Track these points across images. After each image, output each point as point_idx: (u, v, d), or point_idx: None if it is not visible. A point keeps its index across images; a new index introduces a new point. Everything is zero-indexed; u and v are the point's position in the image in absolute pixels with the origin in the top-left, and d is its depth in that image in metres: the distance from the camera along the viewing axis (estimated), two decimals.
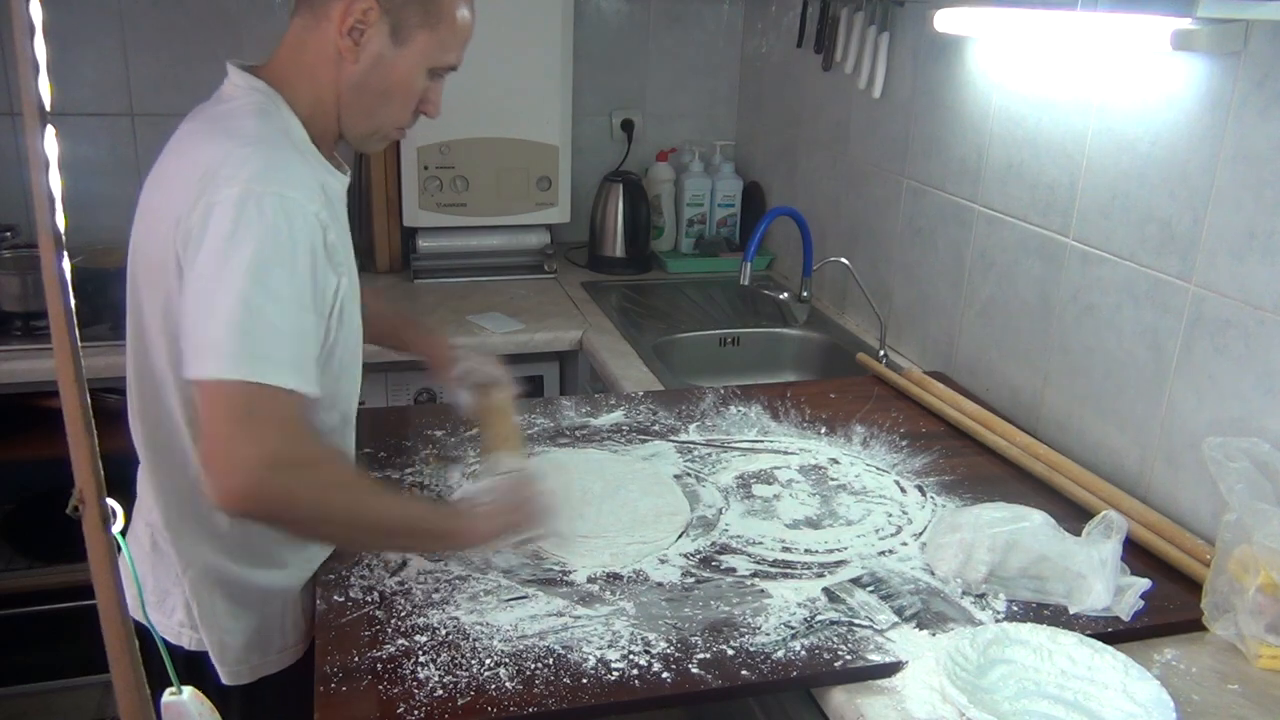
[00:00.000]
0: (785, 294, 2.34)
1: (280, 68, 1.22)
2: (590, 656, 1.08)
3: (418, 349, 1.57)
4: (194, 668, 1.22)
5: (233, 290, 1.02)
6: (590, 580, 1.22)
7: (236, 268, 1.03)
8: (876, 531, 1.37)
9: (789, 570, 1.27)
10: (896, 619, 1.17)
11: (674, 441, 1.62)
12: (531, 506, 1.22)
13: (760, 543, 1.33)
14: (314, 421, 1.18)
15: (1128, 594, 1.20)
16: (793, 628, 1.15)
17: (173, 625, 1.25)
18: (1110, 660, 1.08)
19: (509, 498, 1.23)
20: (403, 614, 1.15)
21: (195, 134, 1.18)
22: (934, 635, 1.14)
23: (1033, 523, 1.26)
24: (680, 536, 1.34)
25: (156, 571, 1.25)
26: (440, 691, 1.02)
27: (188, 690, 0.98)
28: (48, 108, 0.71)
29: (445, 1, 1.19)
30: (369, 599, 1.17)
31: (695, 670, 1.07)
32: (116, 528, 0.82)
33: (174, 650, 1.21)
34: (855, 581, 1.24)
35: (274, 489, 1.02)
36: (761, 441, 1.64)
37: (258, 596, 1.24)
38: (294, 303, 1.07)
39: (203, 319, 1.04)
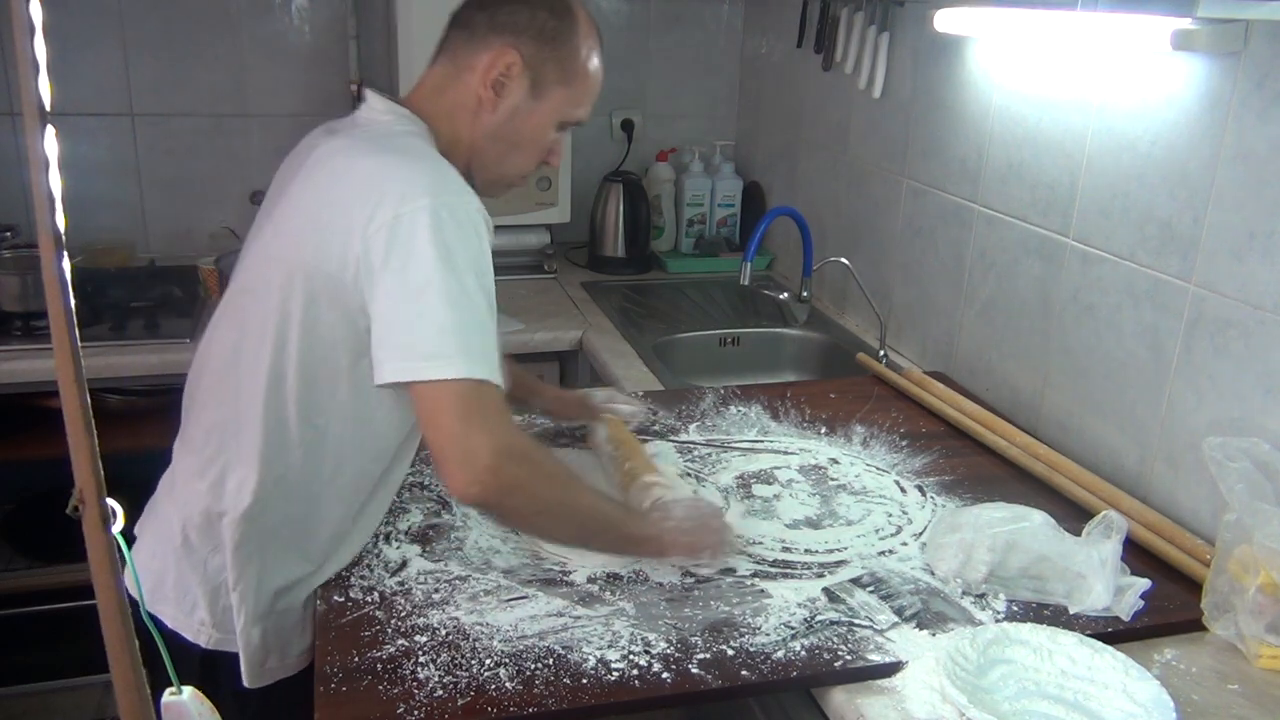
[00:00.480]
0: (785, 294, 2.34)
1: (420, 105, 1.26)
2: (590, 657, 1.08)
3: (543, 404, 1.64)
4: (210, 667, 1.22)
5: (443, 295, 1.09)
6: (590, 580, 1.22)
7: (443, 274, 1.09)
8: (876, 531, 1.37)
9: (789, 570, 1.27)
10: (896, 619, 1.17)
11: (674, 441, 1.62)
12: (719, 537, 1.27)
13: (760, 543, 1.33)
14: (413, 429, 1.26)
15: (1128, 594, 1.20)
16: (793, 628, 1.15)
17: (193, 623, 1.23)
18: (1110, 660, 1.08)
19: (702, 522, 1.27)
20: (403, 614, 1.15)
21: (350, 149, 1.20)
22: (934, 635, 1.14)
23: (1033, 523, 1.26)
24: None
25: (180, 566, 1.23)
26: (440, 692, 1.02)
27: (188, 690, 0.98)
28: (48, 108, 0.71)
29: (581, 60, 1.27)
30: (369, 599, 1.17)
31: (695, 670, 1.07)
32: (116, 528, 0.82)
33: (191, 648, 1.22)
34: (855, 581, 1.24)
35: (508, 477, 1.11)
36: (761, 441, 1.65)
37: (291, 600, 1.24)
38: (487, 304, 1.14)
39: (415, 324, 1.10)
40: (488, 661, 1.07)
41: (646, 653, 1.09)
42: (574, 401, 1.64)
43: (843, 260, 2.14)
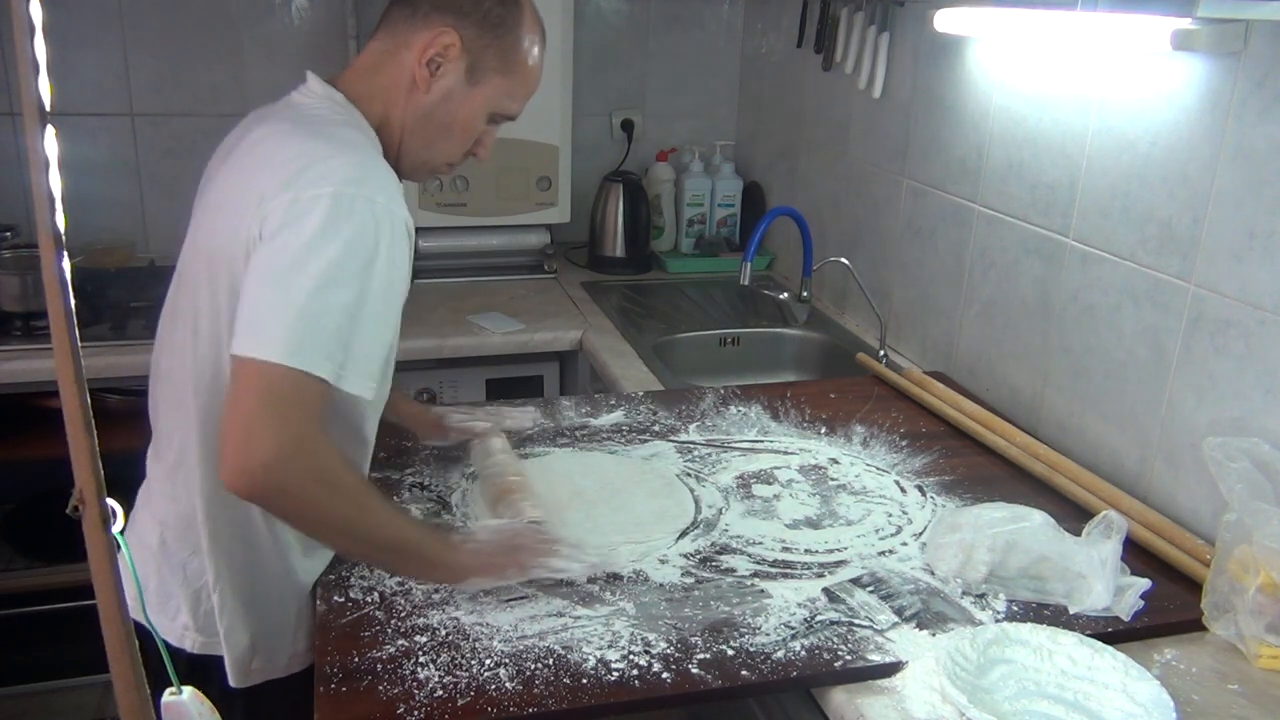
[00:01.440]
0: (785, 294, 2.34)
1: (353, 85, 1.24)
2: (590, 657, 1.08)
3: (401, 415, 1.54)
4: (196, 670, 1.21)
5: (306, 284, 1.04)
6: (590, 580, 1.22)
7: (316, 263, 1.05)
8: (876, 531, 1.37)
9: (789, 570, 1.27)
10: (896, 619, 1.17)
11: (674, 441, 1.62)
12: (523, 557, 1.19)
13: (760, 543, 1.33)
14: (348, 430, 1.23)
15: (1128, 594, 1.20)
16: (793, 628, 1.14)
17: (175, 628, 1.24)
18: (1110, 660, 1.08)
19: (505, 545, 1.20)
20: (403, 614, 1.15)
21: (279, 134, 1.17)
22: (934, 635, 1.14)
23: (1033, 523, 1.26)
24: (680, 538, 1.33)
25: (161, 572, 1.24)
26: (440, 692, 1.02)
27: (188, 690, 0.98)
28: (48, 108, 0.71)
29: (522, 52, 1.24)
30: (369, 599, 1.17)
31: (695, 670, 1.07)
32: (116, 528, 0.82)
33: (176, 654, 1.21)
34: (855, 581, 1.24)
35: (282, 478, 1.03)
36: (761, 441, 1.64)
37: (276, 597, 1.24)
38: (364, 306, 1.08)
39: (268, 303, 1.05)
40: (488, 661, 1.07)
41: (646, 653, 1.09)
42: (428, 421, 1.55)
43: (843, 260, 2.14)
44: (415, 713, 0.99)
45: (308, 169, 1.09)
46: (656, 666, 1.07)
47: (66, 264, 0.75)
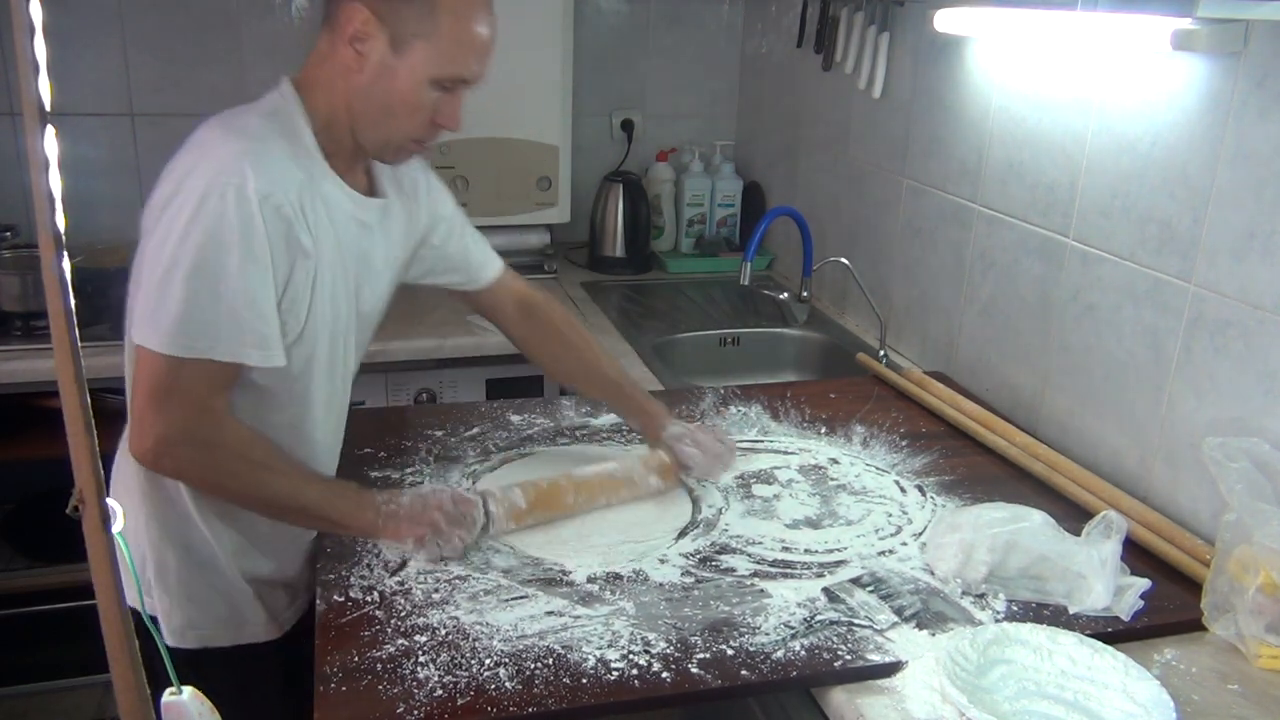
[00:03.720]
0: (785, 294, 2.34)
1: (306, 77, 1.27)
2: (590, 656, 1.08)
3: (631, 417, 1.58)
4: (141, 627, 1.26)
5: (178, 274, 1.13)
6: (590, 580, 1.22)
7: (185, 253, 1.13)
8: (876, 531, 1.37)
9: (789, 570, 1.27)
10: (896, 619, 1.17)
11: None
12: (435, 519, 1.24)
13: (760, 543, 1.33)
14: (284, 422, 1.29)
15: (1128, 594, 1.20)
16: (792, 628, 1.14)
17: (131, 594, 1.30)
18: (1110, 660, 1.08)
19: (420, 509, 1.25)
20: (403, 614, 1.15)
21: (199, 133, 1.23)
22: (934, 635, 1.14)
23: (1033, 523, 1.26)
24: (679, 538, 1.33)
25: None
26: (440, 691, 1.02)
27: (188, 690, 0.98)
28: (48, 108, 0.71)
29: (444, 11, 1.19)
30: (369, 599, 1.17)
31: (695, 670, 1.07)
32: (117, 527, 0.82)
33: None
34: (855, 581, 1.24)
35: (175, 459, 1.18)
36: (761, 441, 1.64)
37: (209, 567, 1.32)
38: (233, 286, 1.14)
39: (152, 292, 1.15)
40: (487, 661, 1.07)
41: (646, 652, 1.09)
42: (649, 422, 1.53)
43: (843, 260, 2.14)
44: (415, 712, 0.99)
45: (197, 163, 1.16)
46: (656, 666, 1.07)
47: (66, 264, 0.75)
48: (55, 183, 0.73)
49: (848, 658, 1.10)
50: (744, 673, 1.07)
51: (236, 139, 1.18)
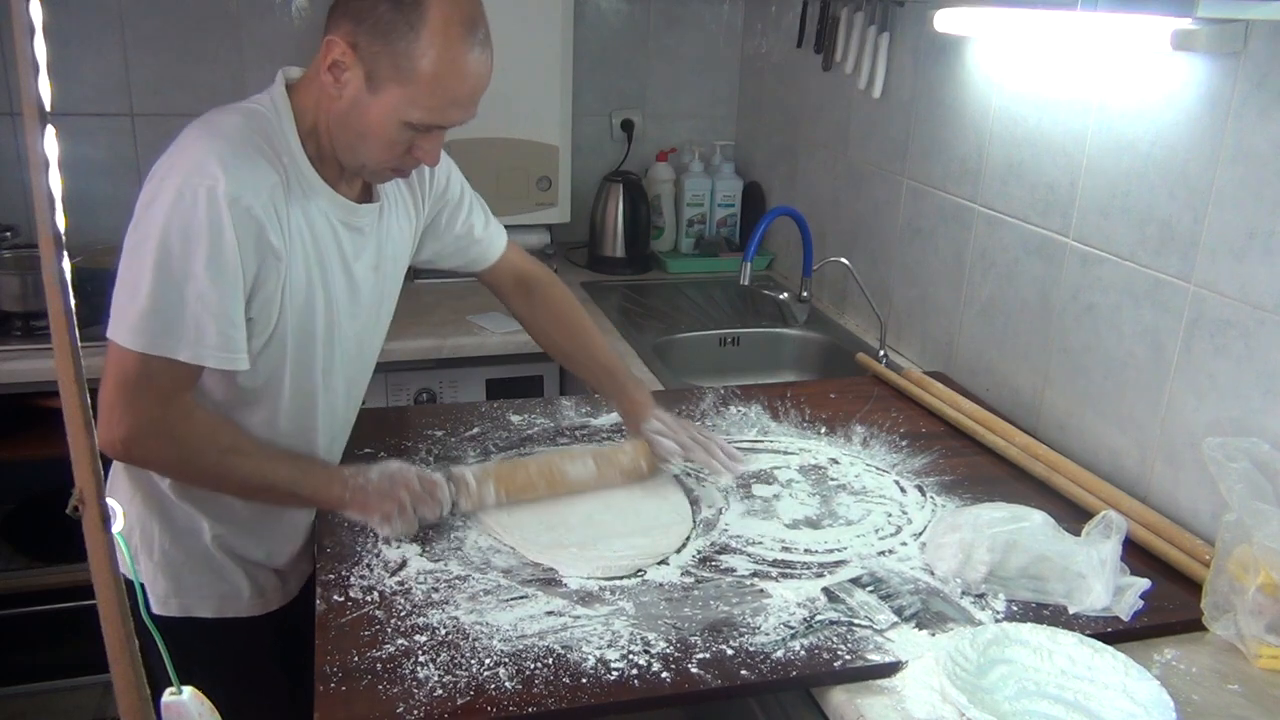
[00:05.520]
0: (785, 294, 2.34)
1: (299, 85, 1.29)
2: (590, 656, 1.08)
3: (617, 402, 1.56)
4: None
5: (147, 273, 1.15)
6: (590, 580, 1.22)
7: (154, 252, 1.15)
8: (876, 531, 1.37)
9: (789, 570, 1.27)
10: (896, 619, 1.17)
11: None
12: (401, 495, 1.27)
13: (760, 542, 1.33)
14: (256, 420, 1.32)
15: (1127, 594, 1.20)
16: (792, 628, 1.15)
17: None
18: (1110, 660, 1.08)
19: (385, 487, 1.28)
20: (402, 614, 1.15)
21: (188, 129, 1.25)
22: (934, 635, 1.14)
23: (1033, 523, 1.26)
24: (682, 547, 1.32)
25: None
26: (440, 691, 1.02)
27: (188, 690, 0.98)
28: (48, 108, 0.71)
29: (420, 61, 1.17)
30: (369, 599, 1.17)
31: (695, 670, 1.07)
32: (117, 528, 0.82)
33: None
34: (855, 581, 1.24)
35: (143, 452, 1.23)
36: (761, 441, 1.64)
37: (192, 541, 1.36)
38: (200, 287, 1.16)
39: (124, 288, 1.18)
40: (487, 661, 1.07)
41: (646, 652, 1.09)
42: (633, 411, 1.51)
43: (843, 260, 2.14)
44: (415, 712, 0.99)
45: (171, 162, 1.19)
46: (656, 666, 1.07)
47: (66, 264, 0.75)
48: (55, 183, 0.72)
49: (848, 658, 1.10)
50: (744, 673, 1.07)
51: (213, 139, 1.19)
